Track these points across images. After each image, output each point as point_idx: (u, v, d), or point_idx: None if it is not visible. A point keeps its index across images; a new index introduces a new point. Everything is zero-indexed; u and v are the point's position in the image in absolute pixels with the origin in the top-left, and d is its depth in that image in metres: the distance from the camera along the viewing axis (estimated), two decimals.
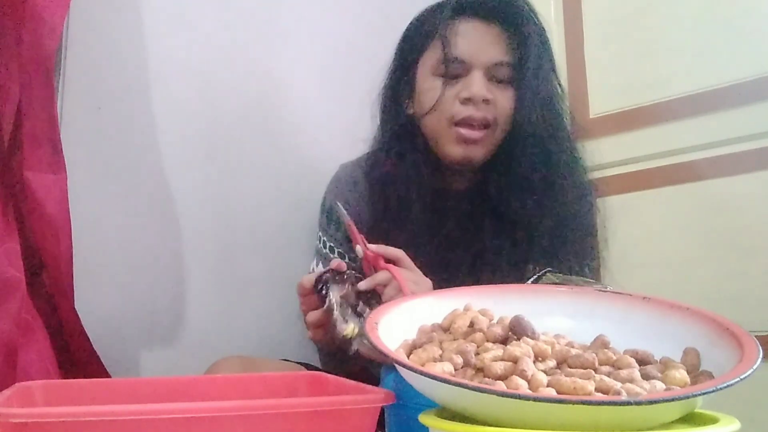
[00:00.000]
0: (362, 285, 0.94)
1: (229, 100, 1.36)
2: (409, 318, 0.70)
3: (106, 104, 1.23)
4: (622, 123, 1.54)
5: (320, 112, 1.47)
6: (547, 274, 0.89)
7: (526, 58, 1.04)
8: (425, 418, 0.58)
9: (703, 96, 1.42)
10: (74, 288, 1.07)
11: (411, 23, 1.14)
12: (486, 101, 1.04)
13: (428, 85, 1.07)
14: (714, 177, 1.39)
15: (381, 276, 0.93)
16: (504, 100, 1.05)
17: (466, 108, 1.04)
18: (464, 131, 1.04)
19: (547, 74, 1.06)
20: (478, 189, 1.11)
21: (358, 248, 0.98)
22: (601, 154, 1.53)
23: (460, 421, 0.54)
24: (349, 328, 0.91)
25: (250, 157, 1.38)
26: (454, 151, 1.06)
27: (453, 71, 1.05)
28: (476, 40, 1.05)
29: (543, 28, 1.09)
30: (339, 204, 1.05)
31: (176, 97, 1.30)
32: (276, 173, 1.40)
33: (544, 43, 1.08)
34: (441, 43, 1.06)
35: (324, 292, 0.93)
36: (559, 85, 1.11)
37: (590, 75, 1.61)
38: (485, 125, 1.04)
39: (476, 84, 1.03)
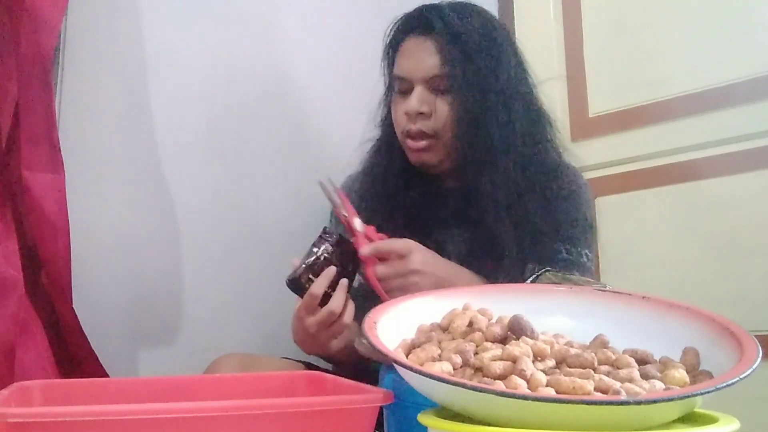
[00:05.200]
0: (365, 250, 0.99)
1: (229, 99, 1.36)
2: (408, 317, 0.70)
3: (105, 103, 1.23)
4: (621, 122, 1.54)
5: (324, 112, 1.47)
6: (546, 273, 0.89)
7: (450, 70, 1.08)
8: (424, 418, 0.58)
9: (702, 95, 1.42)
10: (72, 287, 1.07)
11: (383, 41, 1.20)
12: (421, 114, 1.09)
13: (393, 100, 1.16)
14: (713, 176, 1.39)
15: (383, 245, 0.99)
16: (444, 108, 1.09)
17: (407, 122, 1.11)
18: (410, 142, 1.12)
19: (482, 79, 1.08)
20: (463, 187, 1.15)
21: (357, 221, 1.02)
22: (600, 153, 1.54)
23: (459, 421, 0.54)
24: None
25: (250, 157, 1.38)
26: (410, 157, 1.15)
27: (399, 88, 1.13)
28: (415, 57, 1.11)
29: (478, 29, 1.10)
30: (326, 182, 1.07)
31: (175, 95, 1.30)
32: (276, 172, 1.40)
33: (474, 48, 1.09)
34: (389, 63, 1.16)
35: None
36: (513, 83, 1.12)
37: (589, 74, 1.61)
38: (426, 135, 1.10)
39: (412, 99, 1.10)
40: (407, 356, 0.62)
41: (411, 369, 0.56)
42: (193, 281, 1.29)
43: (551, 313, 0.72)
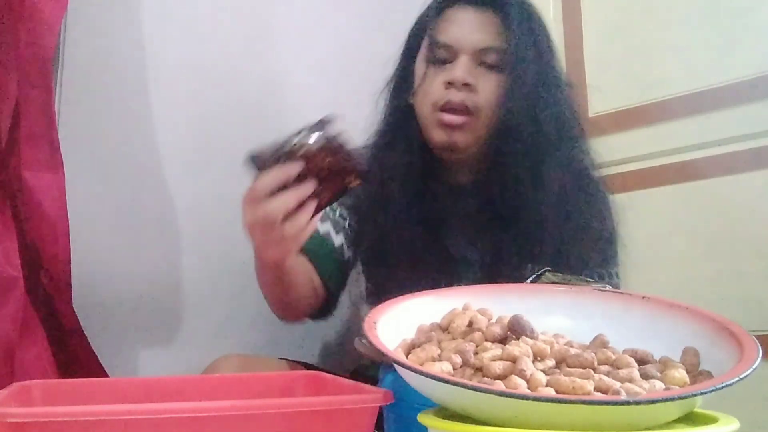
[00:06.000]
0: None
1: (228, 99, 1.36)
2: (408, 317, 0.70)
3: (104, 103, 1.23)
4: (621, 122, 1.54)
5: (318, 112, 1.46)
6: (546, 273, 0.89)
7: (515, 45, 1.01)
8: (424, 418, 0.58)
9: (703, 95, 1.42)
10: (72, 287, 1.07)
11: (419, 13, 1.12)
12: (467, 85, 1.01)
13: (420, 71, 1.06)
14: (714, 176, 1.39)
15: None
16: (489, 85, 1.02)
17: (448, 92, 1.02)
18: (445, 116, 1.02)
19: (539, 63, 1.03)
20: (479, 183, 1.07)
21: None
22: (600, 153, 1.54)
23: (459, 421, 0.54)
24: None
25: None
26: (437, 135, 1.04)
27: (440, 56, 1.04)
28: (465, 26, 1.03)
29: (539, 16, 1.07)
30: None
31: (174, 95, 1.30)
32: None
33: (537, 30, 1.05)
34: (431, 29, 1.06)
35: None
36: (560, 76, 1.08)
37: (589, 74, 1.61)
38: (467, 111, 1.01)
39: (459, 68, 1.01)
40: (407, 356, 0.62)
41: (411, 369, 0.56)
42: (193, 281, 1.29)
43: (551, 313, 0.72)
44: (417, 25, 1.11)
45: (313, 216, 0.84)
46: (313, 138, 0.80)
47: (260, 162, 0.82)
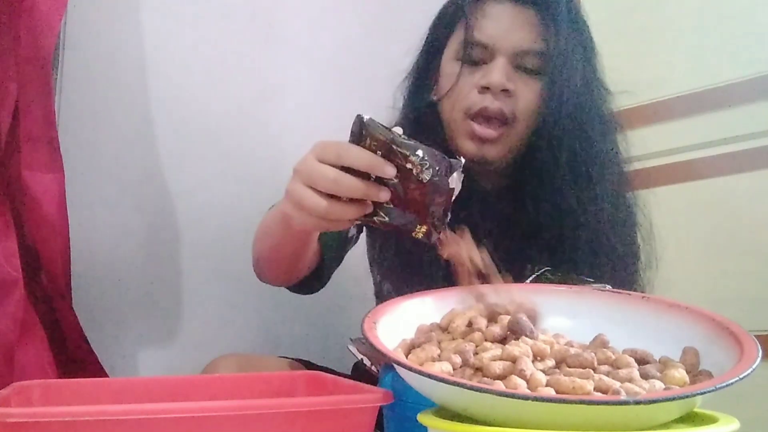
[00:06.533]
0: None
1: (228, 100, 1.36)
2: (408, 317, 0.70)
3: (104, 103, 1.23)
4: (621, 122, 1.54)
5: (318, 112, 1.47)
6: (546, 273, 0.88)
7: (563, 48, 0.92)
8: (424, 418, 0.57)
9: (703, 95, 1.42)
10: (72, 287, 1.07)
11: (444, 4, 1.03)
12: (505, 91, 0.92)
13: (449, 70, 0.97)
14: (714, 176, 1.39)
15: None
16: (528, 92, 0.93)
17: (482, 98, 0.92)
18: (478, 127, 0.93)
19: (583, 68, 0.95)
20: (505, 190, 1.00)
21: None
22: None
23: (458, 421, 0.54)
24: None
25: (249, 156, 1.38)
26: (465, 146, 0.94)
27: (474, 56, 0.94)
28: (504, 24, 0.94)
29: (584, 18, 1.00)
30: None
31: (174, 96, 1.30)
32: (275, 172, 1.40)
33: (583, 33, 0.98)
34: (465, 24, 0.95)
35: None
36: (604, 81, 1.01)
37: None
38: (502, 120, 0.92)
39: (496, 71, 0.91)
40: (407, 356, 0.62)
41: (411, 369, 0.56)
42: (193, 281, 1.29)
43: (551, 313, 0.72)
44: (444, 16, 1.02)
45: (354, 220, 0.74)
46: (428, 168, 0.66)
47: (364, 134, 0.68)
